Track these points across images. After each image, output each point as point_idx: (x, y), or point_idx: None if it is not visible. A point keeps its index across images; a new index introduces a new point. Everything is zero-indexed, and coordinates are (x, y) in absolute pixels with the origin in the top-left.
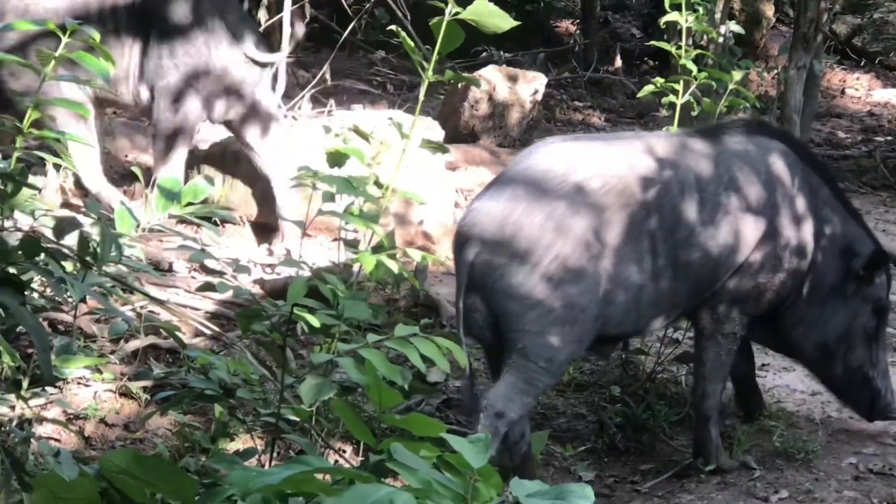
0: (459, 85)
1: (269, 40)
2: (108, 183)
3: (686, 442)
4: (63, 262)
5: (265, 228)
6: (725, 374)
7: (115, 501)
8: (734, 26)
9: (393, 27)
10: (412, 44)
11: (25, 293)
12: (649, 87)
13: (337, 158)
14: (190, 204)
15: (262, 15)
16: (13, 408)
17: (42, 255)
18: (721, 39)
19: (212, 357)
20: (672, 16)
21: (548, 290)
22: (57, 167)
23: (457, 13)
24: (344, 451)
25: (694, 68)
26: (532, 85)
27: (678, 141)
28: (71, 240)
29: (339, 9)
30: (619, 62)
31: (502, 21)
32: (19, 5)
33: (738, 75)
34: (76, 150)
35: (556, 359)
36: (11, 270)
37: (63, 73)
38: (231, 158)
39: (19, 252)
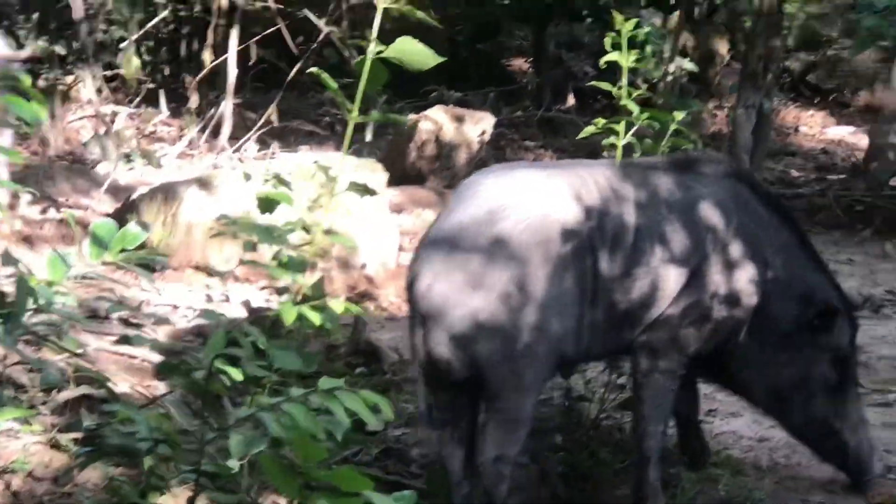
0: (406, 126)
1: (215, 80)
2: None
3: (630, 491)
4: None
5: (207, 273)
6: (666, 414)
7: None
8: (687, 64)
9: (314, 70)
10: (334, 85)
11: None
12: (590, 129)
13: (267, 204)
14: (124, 250)
15: (208, 56)
16: None
17: None
18: (670, 78)
19: (132, 411)
20: (612, 56)
21: (500, 319)
22: None
23: (380, 51)
24: None
25: (636, 109)
26: (479, 125)
27: (616, 177)
28: None
29: (288, 49)
30: (571, 100)
31: (427, 58)
32: None
33: (679, 115)
34: None
35: (524, 384)
36: None
37: None
38: (171, 202)
39: None
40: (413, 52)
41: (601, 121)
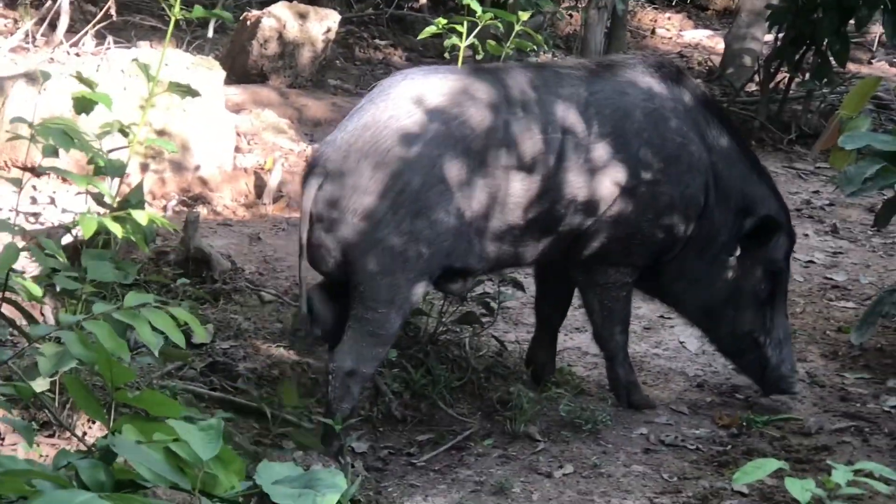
0: (248, 22)
1: None
2: None
3: (467, 410)
4: None
5: (35, 173)
6: (622, 317)
7: None
8: None
9: None
10: None
11: None
12: (431, 29)
13: (83, 105)
14: None
15: None
16: None
17: None
18: None
19: None
20: None
21: (376, 229)
22: None
23: None
24: (93, 424)
25: (478, 8)
26: (324, 23)
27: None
28: None
29: None
30: None
31: None
32: None
33: (525, 16)
34: None
35: (398, 299)
36: None
37: None
38: None
39: None
40: None
41: (442, 21)
